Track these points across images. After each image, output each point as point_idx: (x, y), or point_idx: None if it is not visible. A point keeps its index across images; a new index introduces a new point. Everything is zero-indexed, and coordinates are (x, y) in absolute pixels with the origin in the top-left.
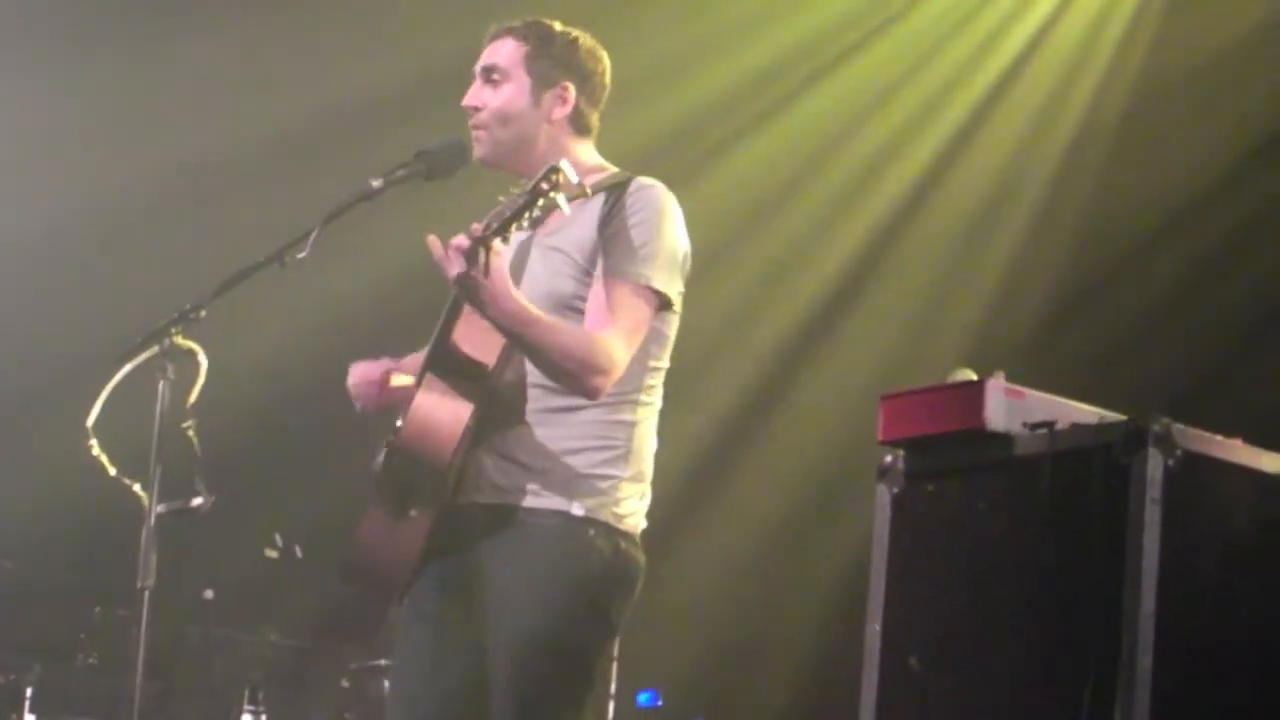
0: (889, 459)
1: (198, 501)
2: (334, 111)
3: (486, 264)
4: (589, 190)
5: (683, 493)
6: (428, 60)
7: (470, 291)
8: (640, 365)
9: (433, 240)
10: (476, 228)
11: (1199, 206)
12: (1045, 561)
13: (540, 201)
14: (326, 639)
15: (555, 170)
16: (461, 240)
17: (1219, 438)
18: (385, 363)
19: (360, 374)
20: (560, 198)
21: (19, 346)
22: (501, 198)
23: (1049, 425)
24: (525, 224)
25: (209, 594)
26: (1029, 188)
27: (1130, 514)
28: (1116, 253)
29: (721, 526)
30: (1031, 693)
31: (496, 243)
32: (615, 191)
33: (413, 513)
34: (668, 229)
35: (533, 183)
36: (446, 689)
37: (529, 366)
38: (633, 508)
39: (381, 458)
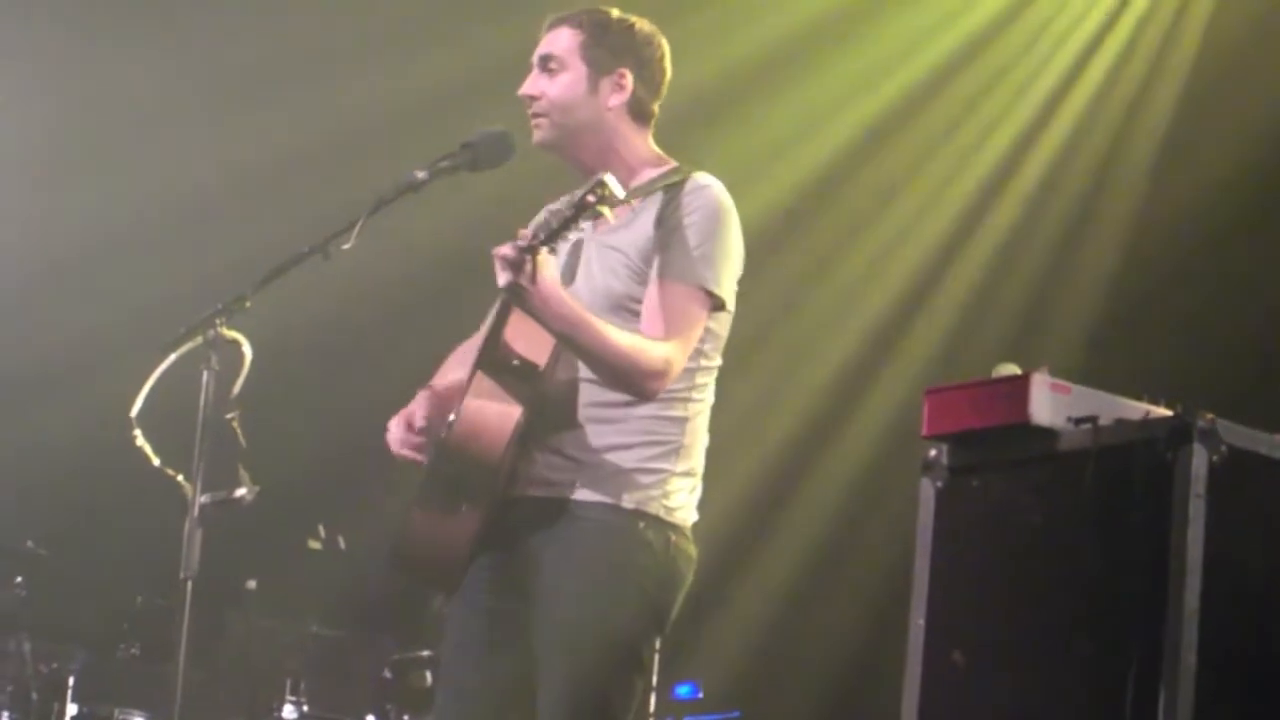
0: (933, 453)
1: (241, 492)
2: (386, 104)
3: (534, 272)
4: (634, 204)
5: (729, 488)
6: (481, 53)
7: (518, 298)
8: (693, 363)
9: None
10: (524, 233)
11: (1247, 202)
12: (1089, 557)
13: (586, 213)
14: (368, 630)
15: (601, 184)
16: (507, 250)
17: (1265, 434)
18: (416, 409)
19: (402, 434)
20: (606, 211)
21: (62, 335)
22: (550, 206)
23: (1093, 420)
24: (570, 237)
25: (252, 584)
26: (1078, 183)
27: (1175, 510)
28: (1164, 248)
29: (765, 520)
30: (1075, 688)
31: (544, 251)
32: (672, 190)
33: (463, 508)
34: (724, 230)
35: (579, 195)
36: (497, 681)
37: (581, 364)
38: (683, 501)
39: (431, 456)
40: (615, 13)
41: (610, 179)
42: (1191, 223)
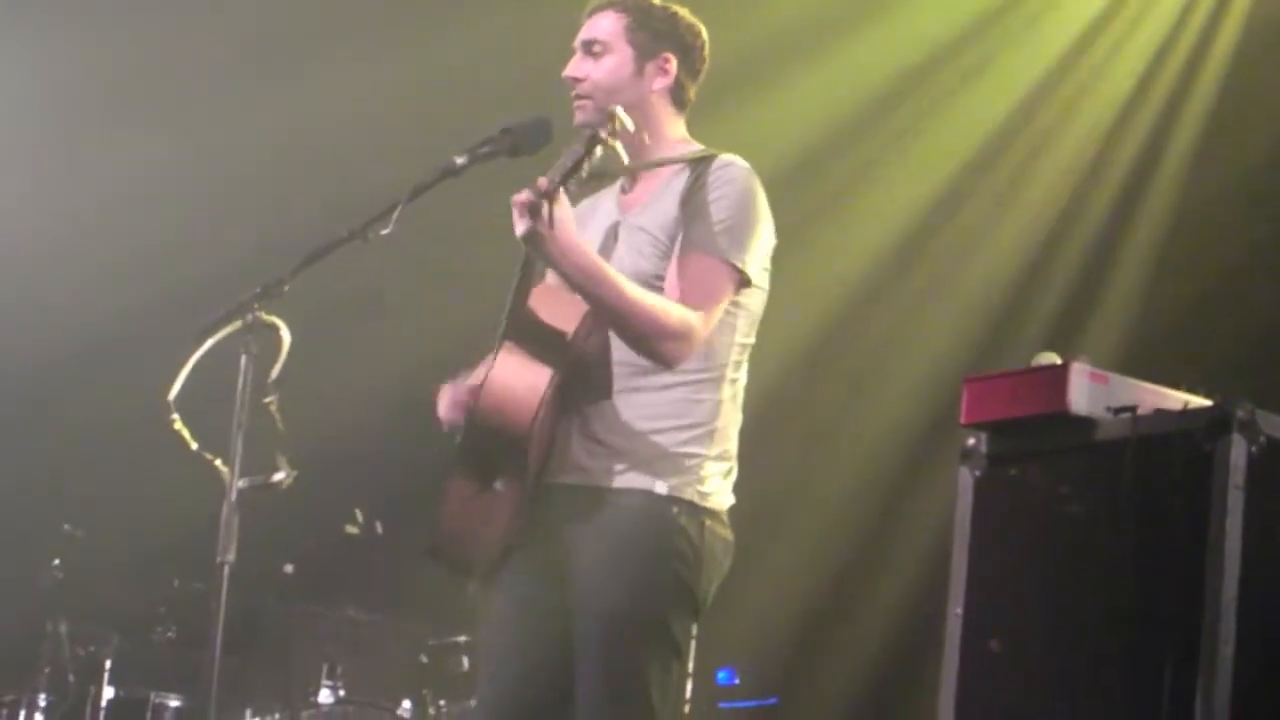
0: (971, 442)
1: (279, 477)
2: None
3: (551, 216)
4: (645, 138)
5: (767, 473)
6: (515, 40)
7: (537, 245)
8: (727, 342)
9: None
10: (542, 182)
11: None
12: (1127, 547)
13: (598, 149)
14: (405, 615)
15: (611, 117)
16: (525, 195)
17: None
18: (467, 382)
19: (450, 398)
20: (618, 145)
21: (99, 318)
22: (564, 148)
23: (1132, 410)
24: (584, 173)
25: (289, 569)
26: (1115, 172)
27: (1213, 500)
28: (1203, 239)
29: (803, 507)
30: (1112, 678)
31: (563, 197)
32: (698, 168)
33: (497, 485)
34: (749, 206)
35: (589, 130)
36: (535, 668)
37: (613, 342)
38: (717, 485)
39: (461, 430)
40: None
41: (619, 110)
42: (1232, 213)
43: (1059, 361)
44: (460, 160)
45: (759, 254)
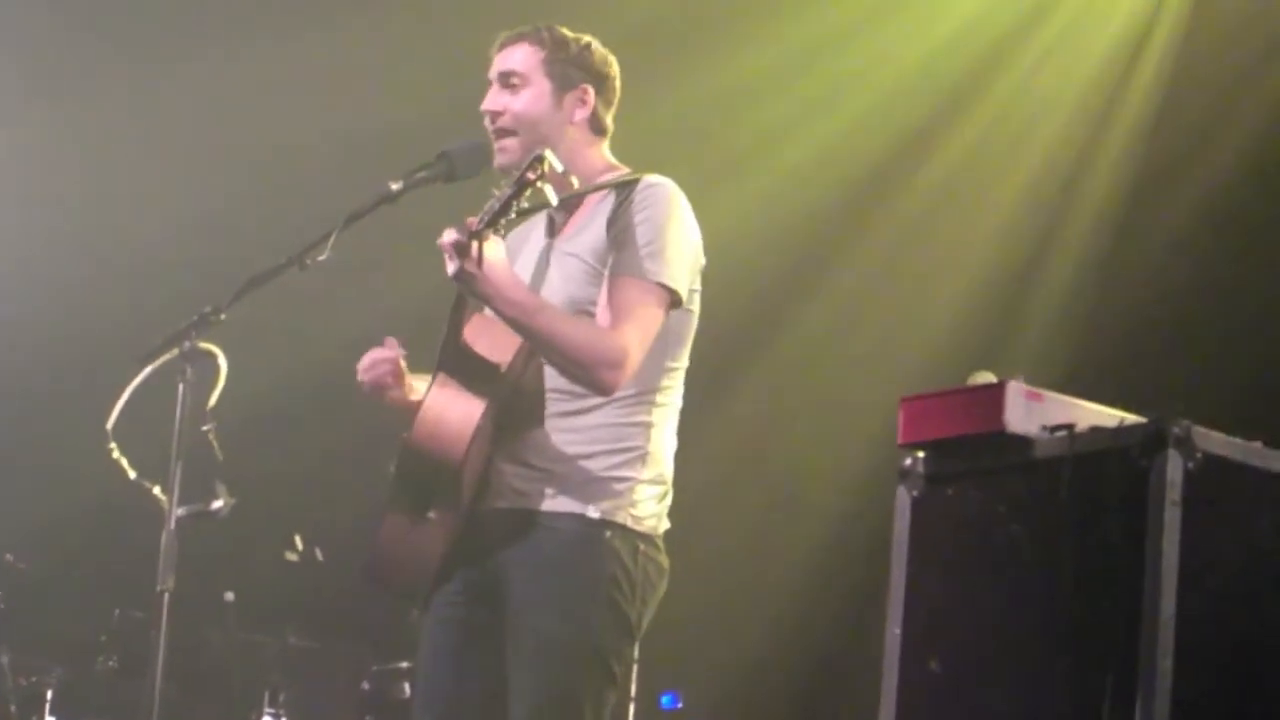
0: (909, 462)
1: (217, 504)
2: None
3: (480, 256)
4: (574, 181)
5: (710, 495)
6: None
7: (468, 284)
8: (657, 365)
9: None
10: (471, 221)
11: (1225, 208)
12: (1065, 564)
13: (527, 191)
14: (346, 641)
15: (540, 159)
16: (452, 235)
17: (1239, 440)
18: (393, 344)
19: (371, 355)
20: (547, 188)
21: (38, 348)
22: (494, 190)
23: (1069, 428)
24: (514, 214)
25: (229, 596)
26: (1053, 189)
27: (1150, 517)
28: (1140, 256)
29: (746, 529)
30: (1051, 695)
31: (493, 235)
32: (624, 190)
33: (431, 514)
34: (675, 225)
35: (519, 173)
36: (470, 694)
37: (546, 371)
38: (651, 510)
39: (395, 460)
40: (568, 31)
41: (549, 154)
42: (1170, 230)
43: (995, 380)
44: (395, 186)
45: (688, 274)
